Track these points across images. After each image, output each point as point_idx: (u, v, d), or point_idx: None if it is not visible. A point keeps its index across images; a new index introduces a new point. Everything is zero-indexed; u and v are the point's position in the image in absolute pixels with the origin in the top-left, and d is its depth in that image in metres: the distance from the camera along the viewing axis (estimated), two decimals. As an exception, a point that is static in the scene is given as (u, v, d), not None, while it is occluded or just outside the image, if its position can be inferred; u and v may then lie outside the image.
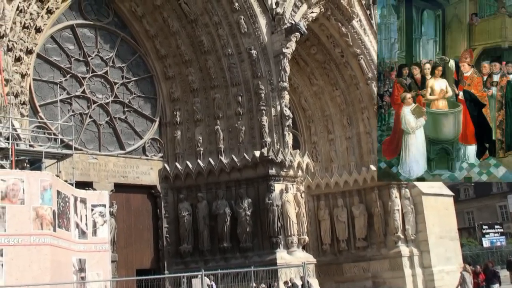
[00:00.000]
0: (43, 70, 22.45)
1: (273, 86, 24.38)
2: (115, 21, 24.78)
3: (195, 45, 25.04)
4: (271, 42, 24.73)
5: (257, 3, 24.66)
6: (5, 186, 13.97)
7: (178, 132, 24.86)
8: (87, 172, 22.13)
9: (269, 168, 23.36)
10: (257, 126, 24.18)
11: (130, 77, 24.77)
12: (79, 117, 22.95)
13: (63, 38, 23.29)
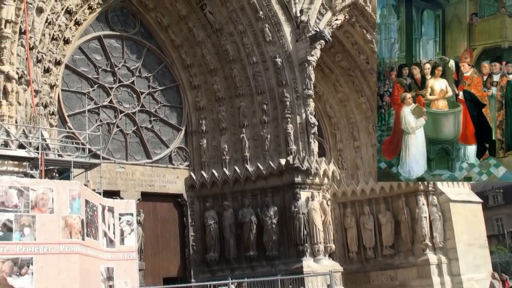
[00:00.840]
0: (71, 80, 22.81)
1: (298, 94, 24.40)
2: (141, 32, 25.10)
3: (220, 54, 25.21)
4: (296, 50, 24.77)
5: (281, 11, 24.74)
6: (35, 196, 14.18)
7: (204, 140, 25.01)
8: (114, 181, 22.38)
9: (295, 176, 23.35)
10: (283, 134, 24.20)
11: (156, 86, 25.03)
12: (107, 127, 23.26)
13: (91, 49, 23.65)
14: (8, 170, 15.73)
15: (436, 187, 26.13)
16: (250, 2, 24.32)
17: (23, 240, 13.68)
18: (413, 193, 26.10)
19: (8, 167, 15.80)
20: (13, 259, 13.36)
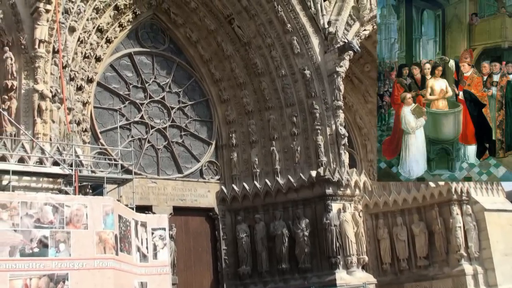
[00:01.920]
0: (103, 97, 23.20)
1: (327, 105, 24.37)
2: (171, 48, 25.41)
3: (249, 67, 25.36)
4: (325, 62, 24.77)
5: (309, 24, 24.80)
6: (70, 212, 14.43)
7: (234, 154, 25.12)
8: (146, 196, 22.61)
9: (326, 188, 23.24)
10: (313, 146, 24.16)
11: (186, 101, 25.27)
12: (138, 142, 23.54)
13: (122, 66, 24.04)
14: (43, 187, 16.04)
15: (470, 196, 25.74)
16: (278, 16, 24.45)
17: (58, 256, 13.91)
18: (447, 202, 25.74)
19: (43, 184, 16.12)
20: (49, 275, 13.59)
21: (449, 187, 25.54)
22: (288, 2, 24.38)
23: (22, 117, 17.15)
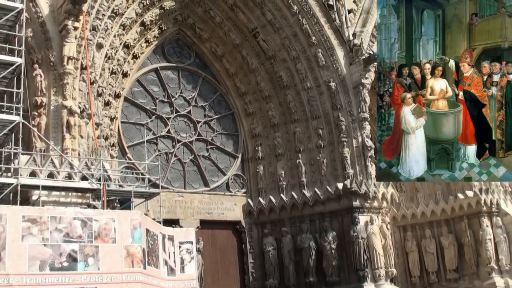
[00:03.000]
0: (130, 112, 23.47)
1: (353, 117, 24.30)
2: (197, 62, 25.64)
3: (274, 80, 25.43)
4: (350, 74, 24.73)
5: (334, 36, 24.81)
6: (98, 226, 14.61)
7: (260, 167, 25.15)
8: (173, 209, 22.75)
9: (353, 200, 23.11)
10: (339, 158, 24.08)
11: (212, 115, 25.43)
12: (165, 156, 23.73)
13: (148, 81, 24.32)
14: (72, 201, 16.28)
15: (500, 208, 25.39)
16: (302, 28, 24.52)
17: (87, 270, 14.08)
18: (476, 214, 25.39)
19: (72, 198, 16.37)
20: (78, 289, 13.75)
21: (478, 199, 25.23)
22: (312, 15, 24.45)
23: (51, 132, 17.42)
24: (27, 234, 13.62)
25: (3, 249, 13.12)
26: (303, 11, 24.38)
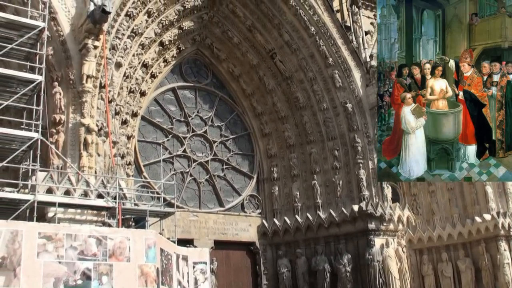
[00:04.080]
0: (147, 131, 23.59)
1: (369, 138, 24.22)
2: (214, 82, 25.80)
3: (290, 101, 25.47)
4: (366, 95, 24.72)
5: (351, 57, 24.86)
6: (113, 244, 14.58)
7: (276, 188, 25.10)
8: (188, 229, 22.73)
9: (368, 223, 22.95)
10: (355, 180, 23.96)
11: (228, 135, 25.49)
12: (180, 176, 23.78)
13: (166, 100, 24.48)
14: (87, 219, 16.31)
15: (518, 232, 25.06)
16: (319, 50, 24.60)
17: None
18: (493, 238, 25.05)
19: (87, 216, 16.40)
20: (92, 307, 13.70)
21: (495, 222, 24.93)
22: (330, 36, 24.53)
23: (68, 150, 17.53)
24: (42, 251, 13.62)
25: (18, 265, 13.13)
26: (320, 33, 24.48)
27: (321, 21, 24.46)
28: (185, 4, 22.87)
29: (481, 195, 26.50)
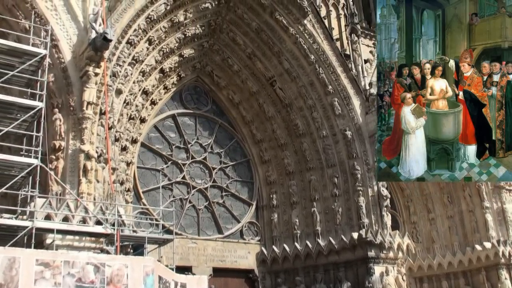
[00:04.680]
0: (146, 158, 23.63)
1: (369, 166, 24.23)
2: (214, 109, 25.93)
3: (290, 128, 25.55)
4: (366, 123, 24.81)
5: (350, 85, 25.01)
6: (111, 272, 14.52)
7: (275, 215, 25.04)
8: (186, 256, 22.61)
9: (368, 250, 22.82)
10: (354, 207, 23.90)
11: (227, 162, 25.51)
12: (179, 202, 23.75)
13: (165, 127, 24.56)
14: (86, 246, 16.25)
15: (519, 260, 24.98)
16: (319, 77, 24.75)
17: (98, 316, 13.93)
18: (494, 266, 24.98)
19: (85, 243, 16.33)
20: (88, 335, 13.59)
21: (496, 250, 24.87)
22: (329, 64, 24.71)
23: (68, 176, 17.52)
24: (39, 278, 13.57)
25: (15, 293, 13.06)
26: (320, 61, 24.66)
27: (320, 49, 24.67)
28: (186, 32, 23.10)
29: (481, 223, 26.49)
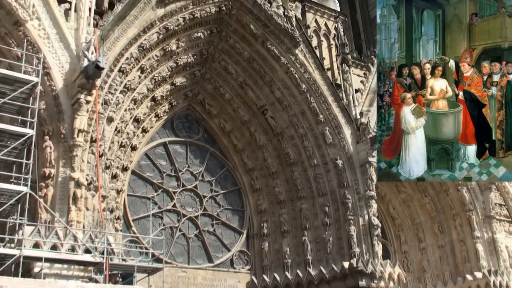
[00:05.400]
0: (137, 185, 23.53)
1: (360, 195, 24.24)
2: (205, 137, 25.95)
3: (281, 157, 25.58)
4: (357, 152, 24.89)
5: (341, 114, 25.14)
6: (100, 301, 14.38)
7: (266, 244, 24.91)
8: (176, 285, 22.38)
9: (359, 280, 22.70)
10: (345, 237, 23.83)
11: (218, 190, 25.45)
12: (170, 231, 23.59)
13: (156, 155, 24.53)
14: (74, 274, 16.07)
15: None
16: (310, 107, 24.89)
17: None
18: (485, 297, 24.92)
19: (74, 271, 16.16)
20: None
21: (487, 280, 24.88)
22: (320, 93, 24.88)
23: (57, 204, 17.41)
24: (26, 308, 13.41)
25: (1, 323, 12.89)
26: (311, 90, 24.84)
27: (312, 78, 24.86)
28: (178, 60, 23.25)
29: (472, 253, 26.49)
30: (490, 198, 27.25)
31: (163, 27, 21.72)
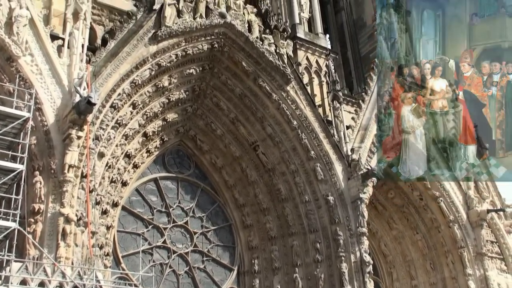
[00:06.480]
0: (127, 221, 23.35)
1: (351, 232, 24.14)
2: (196, 173, 25.90)
3: (272, 193, 25.54)
4: (348, 188, 24.87)
5: (332, 151, 25.19)
6: None
7: (257, 280, 24.66)
8: (165, 323, 22.06)
9: (351, 318, 22.50)
10: (337, 274, 23.64)
11: (209, 226, 25.29)
12: (159, 267, 23.33)
13: (147, 191, 24.42)
14: (61, 313, 15.82)
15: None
16: (301, 143, 24.97)
17: None
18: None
19: (61, 309, 15.91)
20: None
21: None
22: (311, 130, 24.99)
23: (46, 240, 17.26)
24: None
25: None
26: (302, 126, 24.95)
27: (303, 115, 25.00)
28: (170, 96, 23.38)
29: (464, 291, 26.31)
30: (481, 235, 27.14)
31: (155, 63, 21.91)
